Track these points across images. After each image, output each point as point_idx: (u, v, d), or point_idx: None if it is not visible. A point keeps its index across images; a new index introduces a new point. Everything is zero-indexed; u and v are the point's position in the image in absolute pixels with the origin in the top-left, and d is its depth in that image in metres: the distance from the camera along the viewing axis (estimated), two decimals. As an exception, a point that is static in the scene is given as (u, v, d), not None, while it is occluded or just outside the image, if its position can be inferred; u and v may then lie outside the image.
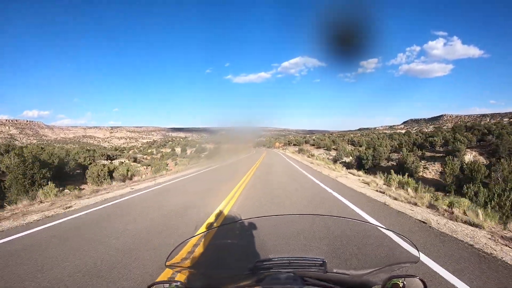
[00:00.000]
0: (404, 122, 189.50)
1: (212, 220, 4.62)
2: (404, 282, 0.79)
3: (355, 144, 46.13)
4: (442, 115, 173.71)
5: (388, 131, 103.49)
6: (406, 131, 69.79)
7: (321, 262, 0.97)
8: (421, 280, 0.78)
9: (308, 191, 7.30)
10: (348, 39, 3.14)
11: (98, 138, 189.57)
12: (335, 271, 0.99)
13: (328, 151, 42.44)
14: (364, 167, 24.10)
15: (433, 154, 27.77)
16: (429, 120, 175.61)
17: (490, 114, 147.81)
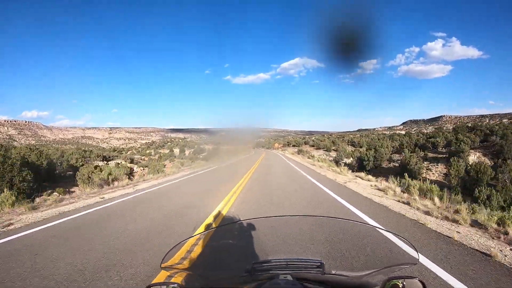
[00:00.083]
0: (403, 123, 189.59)
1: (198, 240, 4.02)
2: (404, 283, 0.78)
3: (355, 145, 45.60)
4: (441, 116, 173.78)
5: (387, 132, 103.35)
6: (406, 131, 69.44)
7: (319, 264, 0.96)
8: (420, 281, 0.78)
9: (317, 203, 5.91)
10: (347, 40, 3.17)
11: (97, 139, 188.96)
12: (333, 272, 0.99)
13: (328, 152, 41.91)
14: (365, 168, 23.60)
15: (435, 155, 27.26)
16: (428, 121, 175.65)
17: (489, 115, 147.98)
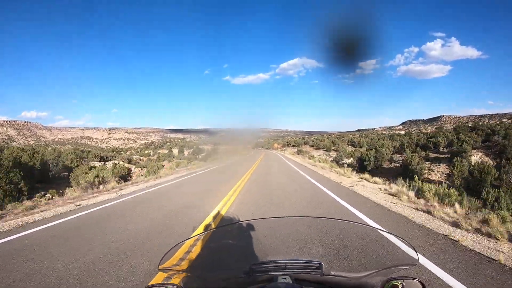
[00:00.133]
0: (402, 123, 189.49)
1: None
2: (403, 284, 0.78)
3: (355, 145, 45.28)
4: (441, 116, 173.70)
5: (386, 132, 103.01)
6: (407, 131, 69.15)
7: (318, 265, 0.95)
8: (420, 282, 0.77)
9: (328, 214, 5.05)
10: (346, 40, 3.13)
11: (96, 139, 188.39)
12: (332, 273, 0.98)
13: (327, 152, 41.57)
14: (366, 169, 23.28)
15: (437, 155, 26.93)
16: (428, 121, 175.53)
17: (489, 114, 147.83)
